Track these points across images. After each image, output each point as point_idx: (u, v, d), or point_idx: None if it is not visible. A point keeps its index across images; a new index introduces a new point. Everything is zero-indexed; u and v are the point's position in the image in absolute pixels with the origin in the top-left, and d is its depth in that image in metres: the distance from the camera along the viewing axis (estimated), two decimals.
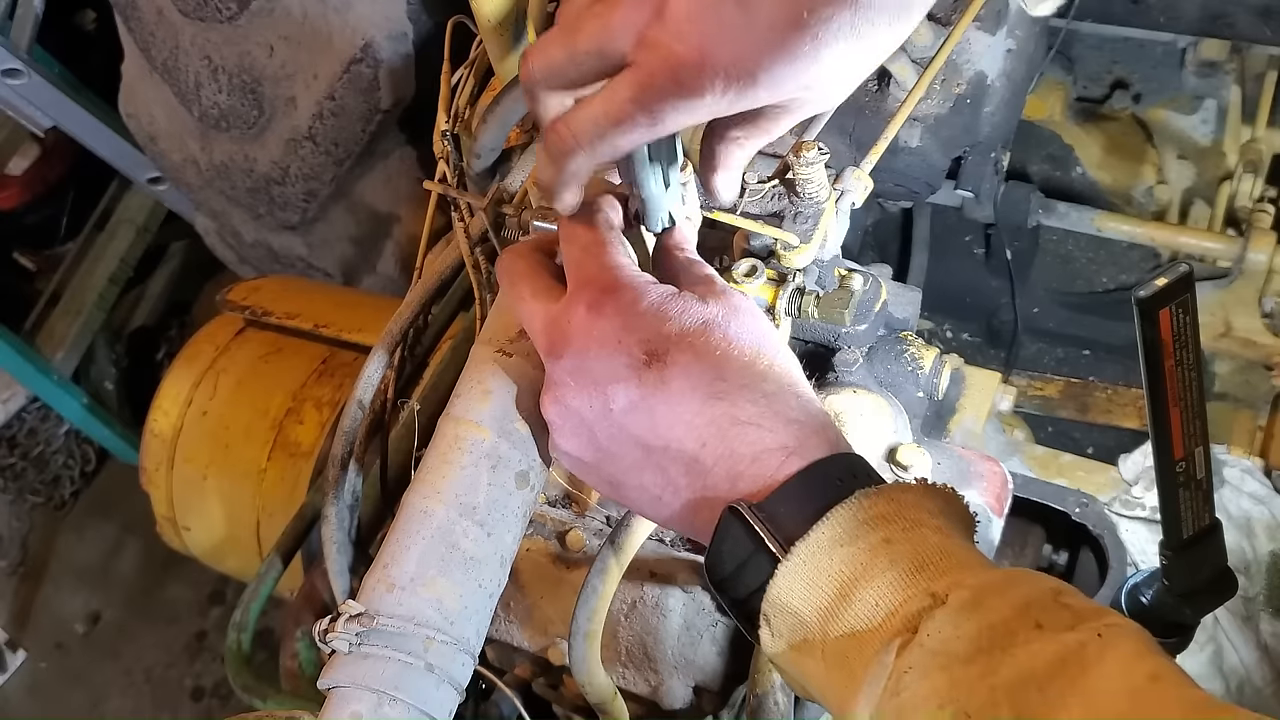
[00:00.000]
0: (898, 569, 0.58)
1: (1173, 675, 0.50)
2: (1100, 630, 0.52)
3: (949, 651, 0.53)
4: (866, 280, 0.98)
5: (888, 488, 0.62)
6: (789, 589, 0.60)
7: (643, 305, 0.69)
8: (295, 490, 1.48)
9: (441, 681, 0.72)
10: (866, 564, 0.59)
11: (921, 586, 0.57)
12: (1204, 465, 0.70)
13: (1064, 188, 1.86)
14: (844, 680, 0.59)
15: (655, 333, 0.68)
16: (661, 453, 0.67)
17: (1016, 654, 0.52)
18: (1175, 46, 1.81)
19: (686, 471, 0.67)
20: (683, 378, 0.67)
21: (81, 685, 2.65)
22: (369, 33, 1.70)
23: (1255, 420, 1.62)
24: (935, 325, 1.93)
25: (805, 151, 0.90)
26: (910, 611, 0.56)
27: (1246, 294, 1.64)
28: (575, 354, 0.69)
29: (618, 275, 0.71)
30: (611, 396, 0.68)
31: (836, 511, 0.60)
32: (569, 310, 0.70)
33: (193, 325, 2.97)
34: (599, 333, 0.69)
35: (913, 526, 0.60)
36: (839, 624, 0.59)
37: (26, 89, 2.39)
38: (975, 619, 0.54)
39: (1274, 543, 1.16)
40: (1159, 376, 0.64)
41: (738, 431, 0.65)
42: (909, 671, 0.54)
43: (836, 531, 0.60)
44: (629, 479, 0.70)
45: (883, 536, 0.59)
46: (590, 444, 0.70)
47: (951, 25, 1.13)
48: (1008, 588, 0.56)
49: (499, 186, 1.03)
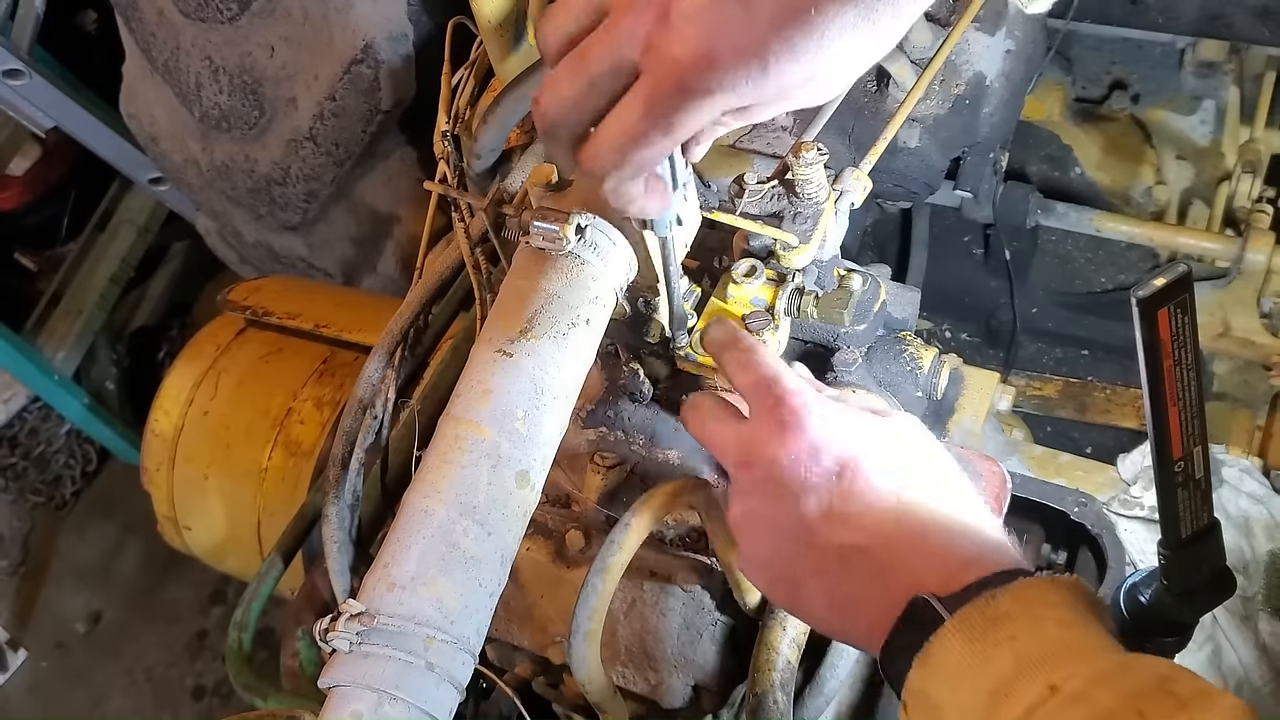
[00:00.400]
0: (1022, 661, 0.62)
1: None
2: (1197, 717, 0.55)
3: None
4: (865, 280, 0.98)
5: (1015, 585, 0.66)
6: (924, 679, 0.65)
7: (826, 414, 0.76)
8: (296, 490, 1.48)
9: (442, 680, 0.72)
10: (991, 659, 0.63)
11: (1042, 679, 0.60)
12: (1202, 465, 0.70)
13: (1063, 188, 1.86)
14: None
15: (842, 447, 0.74)
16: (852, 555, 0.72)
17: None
18: (1174, 47, 1.81)
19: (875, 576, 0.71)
20: (873, 483, 0.73)
21: (82, 685, 2.65)
22: (369, 33, 1.70)
23: (1254, 420, 1.62)
24: (934, 325, 1.93)
25: (805, 152, 0.91)
26: (1030, 702, 0.60)
27: (1245, 294, 1.64)
28: (766, 466, 0.75)
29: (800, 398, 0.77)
30: (805, 505, 0.73)
31: (967, 609, 0.65)
32: (757, 428, 0.77)
33: (194, 325, 2.97)
34: (789, 444, 0.74)
35: (1036, 623, 0.64)
36: (973, 715, 0.62)
37: (28, 89, 2.39)
38: (1082, 709, 0.58)
39: (1272, 542, 1.16)
40: (1157, 376, 0.64)
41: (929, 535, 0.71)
42: None
43: (967, 627, 0.65)
44: (813, 583, 0.75)
45: (1008, 633, 0.63)
46: (777, 549, 0.76)
47: (951, 26, 1.13)
48: (1118, 678, 0.59)
49: (499, 187, 1.03)
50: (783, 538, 0.75)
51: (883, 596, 0.70)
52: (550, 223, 0.82)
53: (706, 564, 0.99)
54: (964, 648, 0.64)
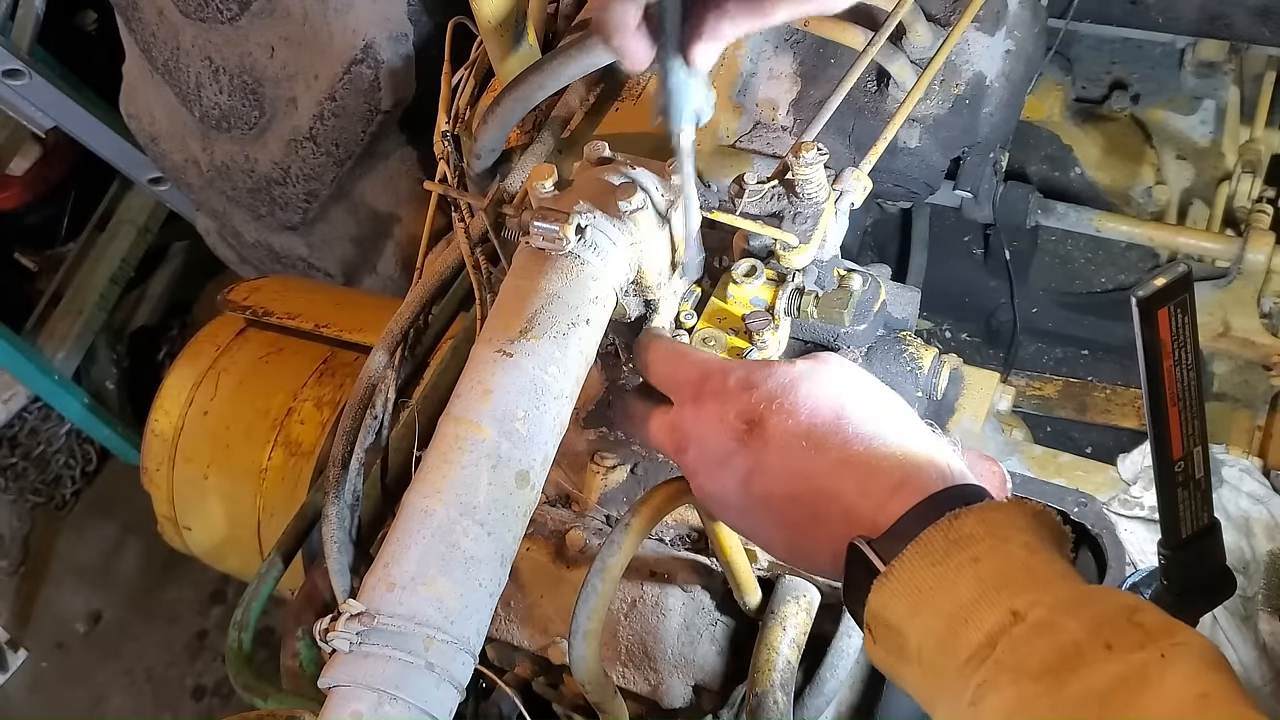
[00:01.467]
0: (984, 586, 0.62)
1: (1223, 693, 0.53)
2: (1165, 650, 0.55)
3: (1020, 668, 0.57)
4: (865, 280, 0.98)
5: (979, 507, 0.66)
6: (883, 604, 0.65)
7: (730, 382, 0.76)
8: (296, 490, 1.48)
9: (442, 680, 0.72)
10: (954, 582, 0.63)
11: (1004, 604, 0.60)
12: (1202, 465, 0.70)
13: (1062, 188, 1.86)
14: (934, 688, 0.64)
15: (748, 402, 0.74)
16: (788, 508, 0.73)
17: (1083, 674, 0.55)
18: (1174, 47, 1.81)
19: (814, 522, 0.72)
20: (781, 433, 0.73)
21: (82, 684, 2.65)
22: (369, 34, 1.70)
23: (1254, 420, 1.62)
24: (934, 325, 1.93)
25: (805, 152, 0.91)
26: (992, 628, 0.60)
27: (1245, 294, 1.64)
28: (695, 445, 0.77)
29: (702, 367, 0.79)
30: (732, 470, 0.74)
31: (928, 532, 0.65)
32: (677, 412, 0.79)
33: (194, 325, 2.97)
34: (704, 420, 0.76)
35: (1000, 544, 0.64)
36: (933, 637, 0.63)
37: (28, 89, 2.39)
38: (1048, 638, 0.57)
39: (1272, 542, 1.16)
40: (1157, 376, 0.64)
41: (845, 472, 0.70)
42: (983, 685, 0.58)
43: (927, 551, 0.64)
44: (772, 535, 0.76)
45: (971, 555, 0.63)
46: (736, 515, 0.78)
47: (950, 26, 1.13)
48: (1083, 606, 0.59)
49: (499, 187, 1.03)
50: (732, 504, 0.77)
51: (826, 536, 0.71)
52: (550, 223, 0.82)
53: (706, 564, 0.99)
54: (925, 571, 0.64)
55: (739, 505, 0.76)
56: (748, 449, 0.74)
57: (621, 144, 0.95)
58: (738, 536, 0.89)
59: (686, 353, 0.83)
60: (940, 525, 0.65)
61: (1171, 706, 0.52)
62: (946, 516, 0.65)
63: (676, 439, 0.79)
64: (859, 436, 0.71)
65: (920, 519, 0.66)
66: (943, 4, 1.17)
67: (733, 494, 0.76)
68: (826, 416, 0.72)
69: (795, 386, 0.74)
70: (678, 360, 0.82)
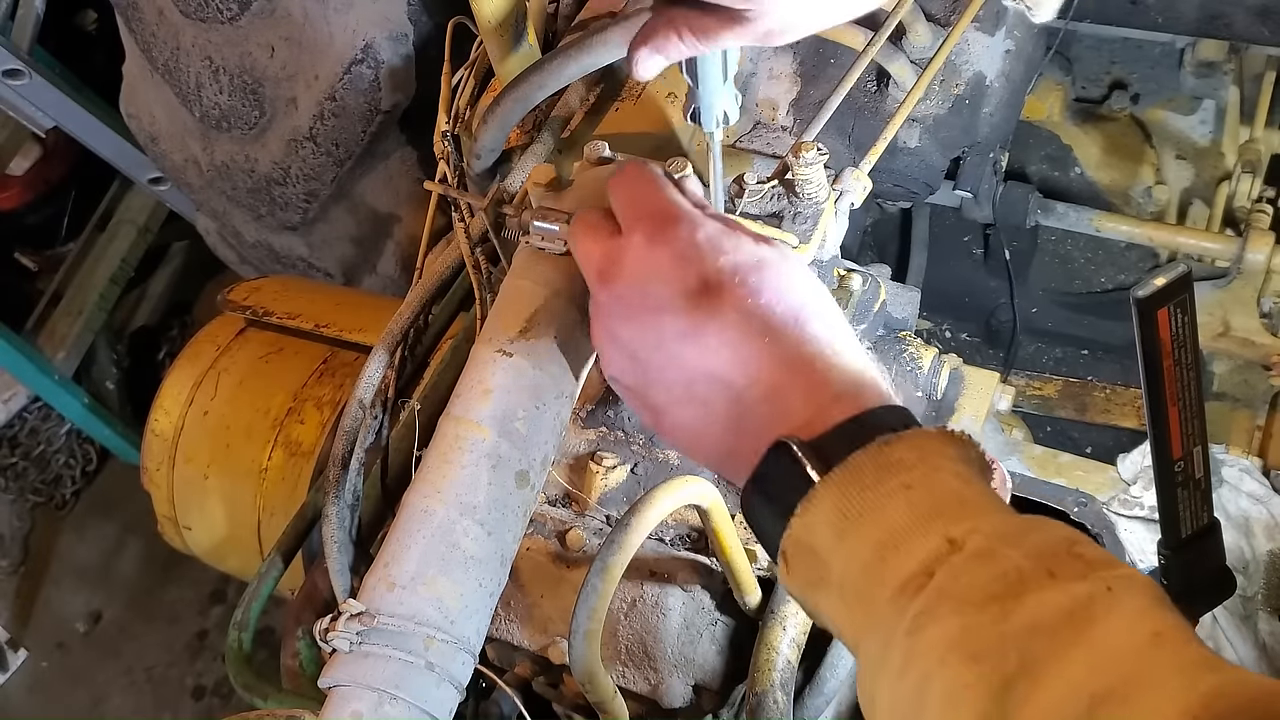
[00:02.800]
0: (916, 513, 0.59)
1: (1176, 633, 0.51)
2: (1111, 583, 0.53)
3: (962, 597, 0.54)
4: (865, 280, 0.98)
5: (909, 434, 0.62)
6: (807, 529, 0.61)
7: (699, 236, 0.70)
8: (296, 490, 1.48)
9: (442, 680, 0.72)
10: (884, 509, 0.59)
11: (939, 532, 0.57)
12: (1202, 465, 0.70)
13: (1062, 188, 1.86)
14: (858, 616, 0.60)
15: (712, 265, 0.68)
16: (707, 384, 0.68)
17: (1027, 602, 0.53)
18: (1173, 47, 1.81)
19: (730, 406, 0.67)
20: (736, 312, 0.67)
21: (83, 684, 2.65)
22: (369, 33, 1.70)
23: (1253, 420, 1.62)
24: (934, 325, 1.93)
25: (804, 152, 0.91)
26: (927, 556, 0.57)
27: (1245, 294, 1.64)
28: (630, 283, 0.70)
29: (674, 208, 0.72)
30: (664, 325, 0.68)
31: (857, 456, 0.61)
32: (626, 240, 0.71)
33: (194, 325, 2.97)
34: (655, 262, 0.69)
35: (932, 472, 0.60)
36: (857, 564, 0.59)
37: (28, 89, 2.39)
38: (989, 566, 0.55)
39: (1272, 542, 1.16)
40: (1157, 376, 0.64)
41: (785, 372, 0.66)
42: (922, 614, 0.55)
43: (856, 475, 0.61)
44: (672, 410, 0.70)
45: (902, 481, 0.60)
46: (637, 371, 0.71)
47: (951, 26, 1.13)
48: (1023, 535, 0.57)
49: (499, 187, 1.03)
50: (640, 359, 0.70)
51: (744, 431, 0.66)
52: (550, 222, 0.83)
53: (706, 564, 0.99)
54: (854, 495, 0.60)
55: (652, 365, 0.70)
56: (692, 313, 0.67)
57: (621, 144, 0.95)
58: (738, 537, 0.90)
59: (660, 187, 0.75)
60: (870, 450, 0.61)
61: (1123, 642, 0.50)
62: (877, 441, 0.61)
63: (608, 266, 0.72)
64: (814, 339, 0.67)
65: (850, 437, 0.62)
66: (943, 4, 1.17)
67: (649, 350, 0.69)
68: (786, 309, 0.67)
69: (763, 269, 0.69)
70: (647, 188, 0.74)
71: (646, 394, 0.72)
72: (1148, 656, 0.50)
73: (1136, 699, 0.47)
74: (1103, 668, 0.49)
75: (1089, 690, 0.48)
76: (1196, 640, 0.51)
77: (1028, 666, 0.51)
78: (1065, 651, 0.50)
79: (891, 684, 0.56)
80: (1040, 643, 0.51)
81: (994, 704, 0.51)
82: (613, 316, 0.71)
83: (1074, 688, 0.49)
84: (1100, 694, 0.48)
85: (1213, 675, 0.48)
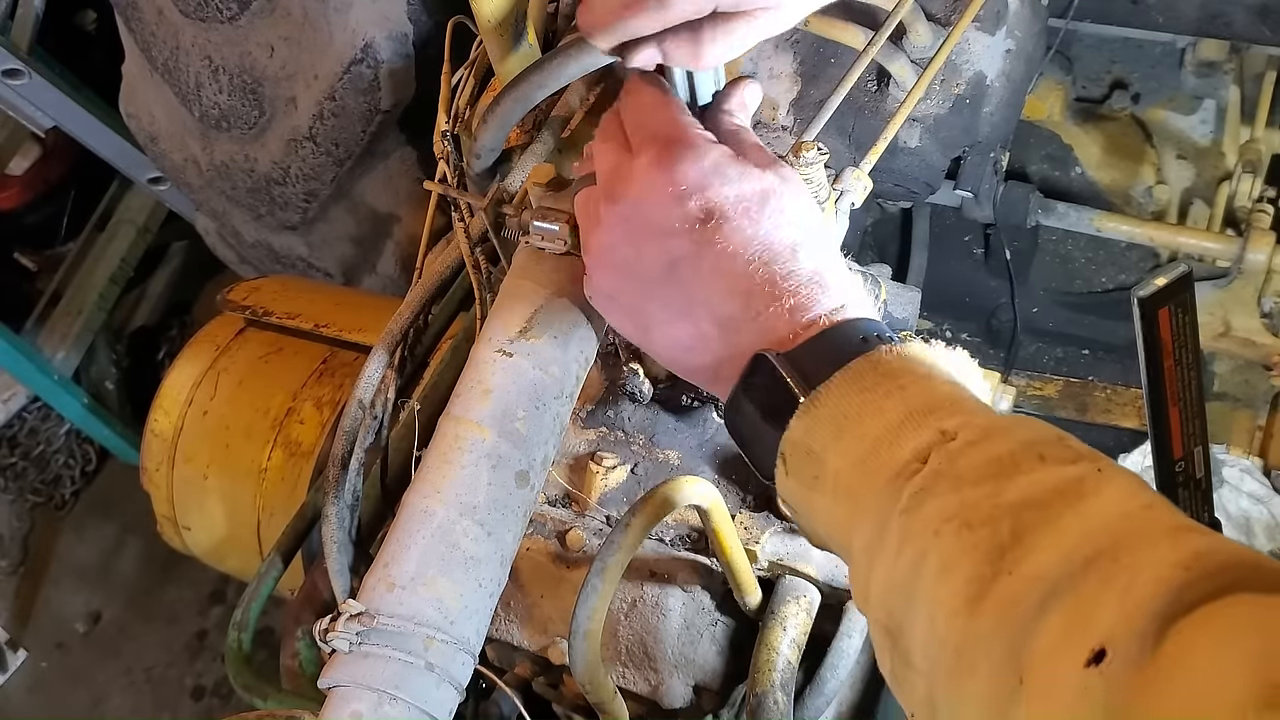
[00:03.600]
0: (911, 408, 0.62)
1: (1164, 505, 0.53)
2: (1101, 466, 0.55)
3: (958, 476, 0.57)
4: (866, 280, 0.98)
5: (908, 346, 0.66)
6: (807, 429, 0.64)
7: (706, 164, 0.72)
8: (296, 490, 1.48)
9: (442, 680, 0.72)
10: (882, 408, 0.62)
11: (933, 425, 0.60)
12: (1203, 465, 0.70)
13: (1063, 188, 1.86)
14: (850, 510, 0.63)
15: (715, 193, 0.71)
16: (702, 306, 0.71)
17: (1019, 480, 0.55)
18: (1174, 47, 1.81)
19: (721, 327, 0.70)
20: (736, 240, 0.70)
21: (82, 685, 2.65)
22: (369, 33, 1.70)
23: (1254, 420, 1.62)
24: (935, 325, 1.93)
25: (805, 152, 0.91)
26: (921, 445, 0.60)
27: (1245, 294, 1.64)
28: (633, 202, 0.72)
29: (683, 132, 0.73)
30: (665, 248, 0.71)
31: (857, 362, 0.64)
32: (634, 160, 0.73)
33: (193, 325, 2.97)
34: (660, 184, 0.71)
35: (927, 378, 0.64)
36: (852, 459, 0.62)
37: (27, 89, 2.39)
38: (983, 451, 0.58)
39: (1273, 542, 1.16)
40: (1158, 376, 0.64)
41: (776, 293, 0.68)
42: (919, 492, 0.58)
43: (855, 378, 0.64)
44: (661, 327, 0.73)
45: (899, 384, 0.63)
46: (628, 286, 0.74)
47: (951, 26, 1.13)
48: (1014, 428, 0.59)
49: (499, 186, 1.03)
50: (635, 278, 0.73)
51: (735, 345, 0.69)
52: (550, 222, 0.82)
53: (706, 564, 0.99)
54: (853, 397, 0.63)
55: (648, 284, 0.72)
56: (691, 236, 0.70)
57: None
58: (738, 537, 0.89)
59: (669, 106, 0.76)
60: (870, 357, 0.64)
61: (1114, 510, 0.53)
62: (877, 349, 0.65)
63: (615, 183, 0.74)
64: (808, 267, 0.70)
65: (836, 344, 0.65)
66: (943, 4, 1.17)
67: (646, 269, 0.72)
68: (783, 239, 0.70)
69: (766, 199, 0.71)
70: (659, 109, 0.76)
71: (639, 311, 0.74)
72: (1138, 520, 0.52)
73: (1127, 556, 0.50)
74: (1094, 534, 0.52)
75: (1082, 553, 0.51)
76: (1184, 514, 0.53)
77: (1020, 535, 0.53)
78: (1057, 520, 0.53)
79: (887, 567, 0.59)
80: (1032, 514, 0.54)
81: (988, 566, 0.53)
82: (613, 233, 0.73)
83: (1066, 551, 0.51)
84: (1092, 555, 0.50)
85: (1200, 537, 0.50)
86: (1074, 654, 0.48)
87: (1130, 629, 0.46)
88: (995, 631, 0.52)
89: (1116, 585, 0.49)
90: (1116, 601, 0.48)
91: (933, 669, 0.56)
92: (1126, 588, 0.48)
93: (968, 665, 0.53)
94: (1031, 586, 0.51)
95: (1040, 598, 0.51)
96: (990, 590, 0.53)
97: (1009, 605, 0.52)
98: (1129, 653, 0.46)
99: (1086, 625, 0.48)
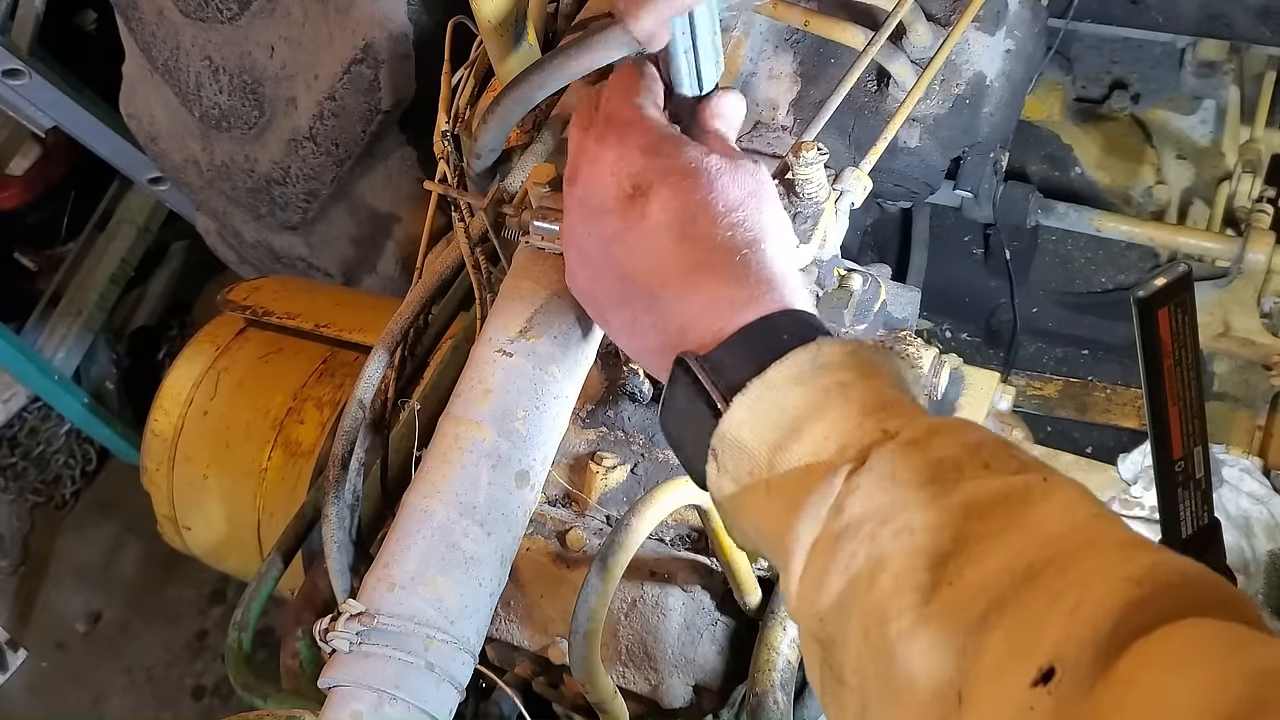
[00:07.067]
0: (851, 407, 0.59)
1: (1112, 518, 0.52)
2: (1046, 475, 0.53)
3: (897, 478, 0.54)
4: (866, 280, 0.98)
5: (850, 342, 0.63)
6: (740, 423, 0.61)
7: (641, 141, 0.70)
8: (296, 490, 1.48)
9: (442, 680, 0.72)
10: (820, 403, 0.59)
11: (873, 424, 0.58)
12: (1203, 465, 0.70)
13: (1063, 188, 1.86)
14: (785, 509, 0.58)
15: (645, 167, 0.69)
16: (632, 287, 0.69)
17: (963, 486, 0.53)
18: (1174, 47, 1.81)
19: (648, 311, 0.68)
20: (660, 214, 0.68)
21: (82, 684, 2.65)
22: (369, 33, 1.70)
23: (1254, 420, 1.62)
24: (934, 325, 1.93)
25: (805, 152, 0.91)
26: (861, 445, 0.57)
27: (1245, 294, 1.64)
28: (581, 182, 0.72)
29: (630, 112, 0.72)
30: (602, 225, 0.70)
31: (796, 353, 0.61)
32: (584, 141, 0.73)
33: (193, 325, 2.98)
34: (600, 163, 0.70)
35: (870, 376, 0.61)
36: (787, 457, 0.59)
37: (28, 89, 2.39)
38: (925, 453, 0.55)
39: (1273, 542, 1.16)
40: (1158, 376, 0.64)
41: (696, 277, 0.66)
42: (855, 492, 0.55)
43: (793, 371, 0.60)
44: (611, 312, 0.72)
45: (839, 380, 0.60)
46: (586, 273, 0.73)
47: (951, 26, 1.13)
48: (958, 431, 0.57)
49: (499, 186, 1.03)
50: (587, 261, 0.72)
51: (666, 331, 0.67)
52: (550, 222, 0.82)
53: (706, 564, 0.99)
54: (790, 390, 0.60)
55: (595, 266, 0.71)
56: (624, 215, 0.68)
57: None
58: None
59: (633, 93, 0.74)
60: (809, 349, 0.61)
61: (1061, 521, 0.50)
62: (817, 341, 0.61)
63: (571, 165, 0.73)
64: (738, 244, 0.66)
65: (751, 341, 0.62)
66: (943, 4, 1.17)
67: (592, 251, 0.71)
68: (712, 215, 0.67)
69: (695, 175, 0.68)
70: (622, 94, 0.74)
71: (593, 297, 0.73)
72: (1087, 532, 0.50)
73: (1075, 569, 0.48)
74: (1039, 546, 0.49)
75: (1027, 563, 0.48)
76: (1131, 528, 0.51)
77: (963, 543, 0.51)
78: (1002, 529, 0.50)
79: (820, 571, 0.56)
80: (976, 522, 0.51)
81: (928, 574, 0.51)
82: (572, 215, 0.73)
83: (1010, 560, 0.49)
84: (1039, 566, 0.48)
85: (1150, 552, 0.48)
86: (1020, 672, 0.45)
87: (1081, 647, 0.44)
88: (934, 645, 0.49)
89: (1066, 600, 0.46)
90: (1065, 618, 0.46)
91: (865, 684, 0.53)
92: (1077, 603, 0.46)
93: (904, 680, 0.50)
94: (974, 597, 0.49)
95: (983, 610, 0.48)
96: (930, 600, 0.50)
97: (949, 616, 0.49)
98: (1079, 672, 0.44)
99: (1033, 641, 0.46)
